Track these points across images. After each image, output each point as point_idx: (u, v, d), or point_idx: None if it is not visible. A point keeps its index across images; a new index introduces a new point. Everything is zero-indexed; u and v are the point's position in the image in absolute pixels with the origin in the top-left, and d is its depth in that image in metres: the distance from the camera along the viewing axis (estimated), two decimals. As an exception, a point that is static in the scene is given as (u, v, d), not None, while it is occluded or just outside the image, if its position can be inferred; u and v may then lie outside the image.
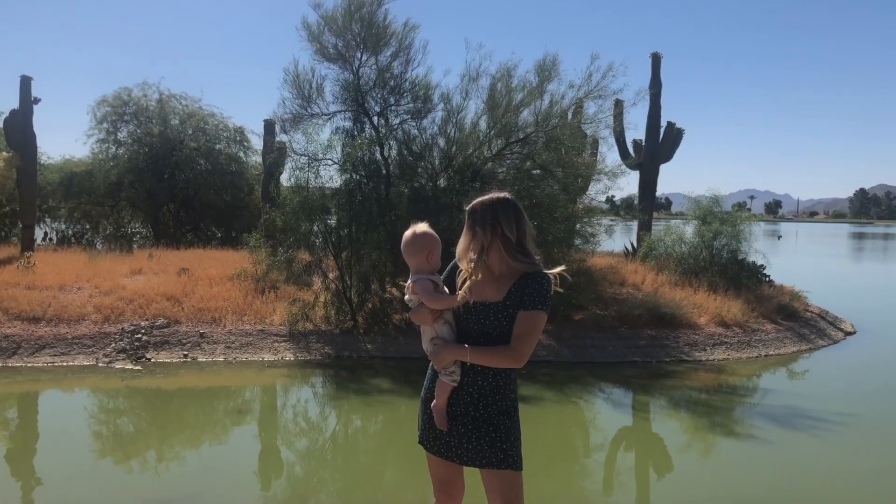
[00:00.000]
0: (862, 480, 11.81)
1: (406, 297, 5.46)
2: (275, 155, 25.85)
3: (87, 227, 39.65)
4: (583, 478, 12.01)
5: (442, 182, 23.13)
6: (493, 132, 22.85)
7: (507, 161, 23.56)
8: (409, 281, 5.38)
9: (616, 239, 30.12)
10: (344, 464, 12.71)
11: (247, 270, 22.47)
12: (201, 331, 19.37)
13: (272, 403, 16.73)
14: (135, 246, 33.94)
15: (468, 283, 5.13)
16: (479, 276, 5.07)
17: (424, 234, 5.38)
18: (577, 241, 23.99)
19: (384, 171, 22.19)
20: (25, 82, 28.04)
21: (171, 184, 38.29)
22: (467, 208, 5.11)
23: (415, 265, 5.38)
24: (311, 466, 12.40)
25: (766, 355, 20.85)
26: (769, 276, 27.33)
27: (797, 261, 58.53)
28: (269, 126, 29.07)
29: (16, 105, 28.12)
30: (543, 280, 4.98)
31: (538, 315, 4.93)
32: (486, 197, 5.07)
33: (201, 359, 18.44)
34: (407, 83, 23.27)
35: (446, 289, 5.35)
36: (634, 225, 34.24)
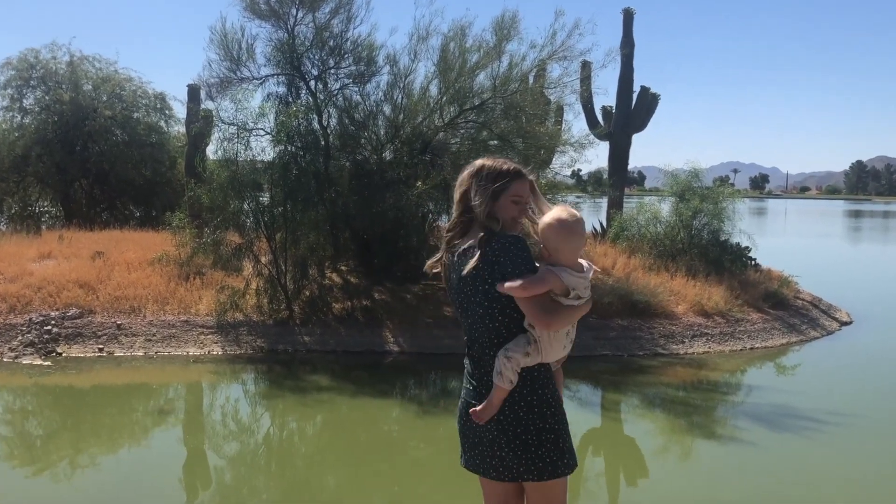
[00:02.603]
0: (857, 486, 11.96)
1: (578, 293, 4.97)
2: (200, 124, 25.80)
3: (-11, 205, 39.38)
4: (544, 483, 12.08)
5: (388, 154, 23.18)
6: (445, 98, 22.88)
7: (462, 131, 23.62)
8: (571, 275, 4.91)
9: (585, 218, 30.29)
10: (279, 470, 12.75)
11: (169, 254, 22.36)
12: (118, 322, 19.32)
13: (198, 403, 16.76)
14: (43, 227, 33.81)
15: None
16: None
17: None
18: (540, 221, 24.05)
19: (323, 143, 22.22)
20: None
21: (83, 157, 37.97)
22: (532, 177, 5.16)
23: (577, 254, 5.05)
24: (241, 473, 12.44)
25: (751, 348, 21.00)
26: (755, 259, 27.41)
27: (786, 242, 58.88)
28: (193, 92, 28.98)
29: None
30: None
31: None
32: None
33: (118, 353, 18.41)
34: (348, 43, 23.27)
35: None
36: (604, 202, 34.30)
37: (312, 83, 23.03)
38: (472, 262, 4.78)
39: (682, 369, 19.01)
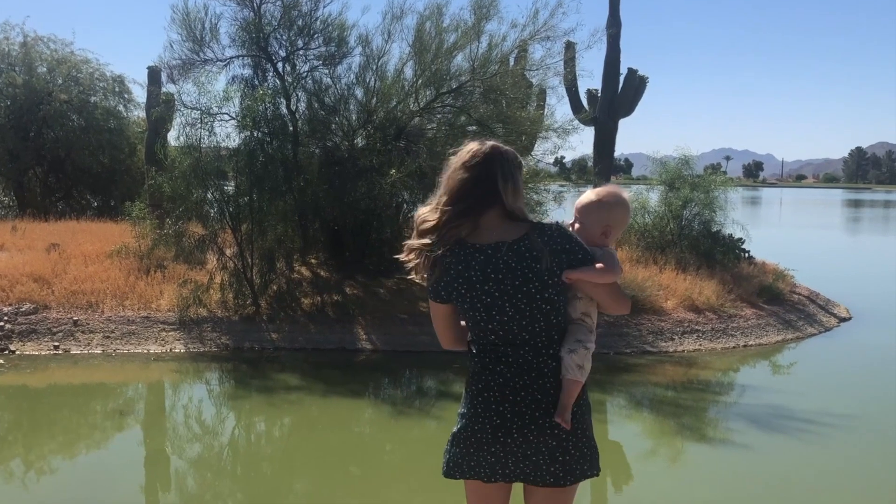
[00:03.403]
0: (857, 491, 11.99)
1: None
2: (161, 109, 25.72)
3: (-63, 195, 39.23)
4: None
5: (360, 141, 23.20)
6: (420, 81, 22.90)
7: (438, 116, 23.66)
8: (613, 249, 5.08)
9: (567, 208, 30.27)
10: (244, 474, 12.78)
11: (128, 246, 22.33)
12: (75, 318, 19.26)
13: (159, 403, 16.74)
14: (-6, 217, 33.68)
15: None
16: None
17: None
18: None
19: (291, 128, 22.23)
20: None
21: (37, 143, 37.78)
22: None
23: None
24: (205, 478, 12.45)
25: (744, 345, 21.02)
26: (749, 251, 27.46)
27: (782, 234, 58.96)
28: (153, 74, 28.89)
29: None
30: None
31: None
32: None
33: (75, 350, 18.36)
34: (318, 22, 23.23)
35: None
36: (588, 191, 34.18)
37: (280, 65, 23.04)
38: (546, 256, 4.66)
39: (671, 368, 19.09)
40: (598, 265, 4.74)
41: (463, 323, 4.90)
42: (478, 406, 4.78)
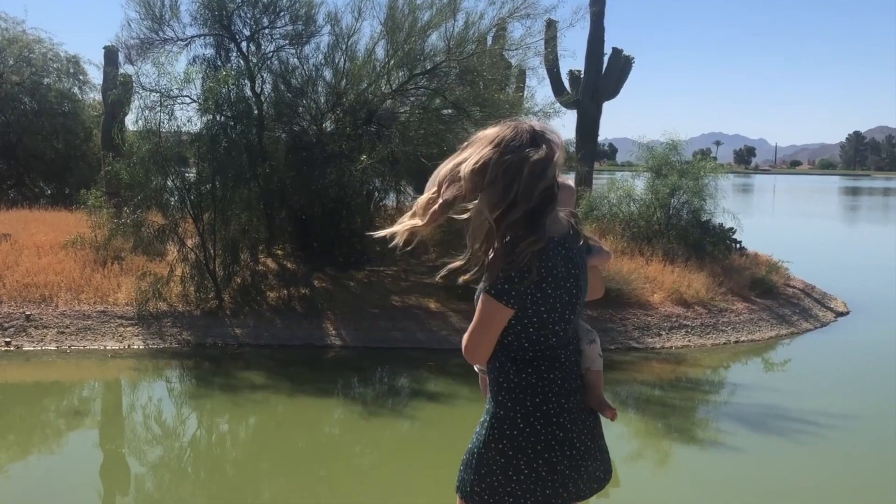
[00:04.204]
0: (854, 495, 12.05)
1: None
2: (118, 91, 25.66)
3: None
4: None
5: (329, 125, 23.16)
6: (392, 62, 22.87)
7: (412, 98, 23.62)
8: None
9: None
10: (207, 477, 12.78)
11: (84, 237, 22.24)
12: (27, 312, 19.20)
13: (117, 403, 16.73)
14: (-59, 207, 33.59)
15: None
16: None
17: None
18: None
19: (256, 112, 22.20)
20: None
21: (-13, 128, 37.77)
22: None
23: None
24: (165, 480, 12.45)
25: (736, 341, 21.06)
26: (740, 242, 27.47)
27: (775, 223, 58.99)
28: (110, 54, 28.84)
29: None
30: None
31: (481, 298, 4.32)
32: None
33: (28, 347, 18.29)
34: (284, -1, 23.18)
35: None
36: (570, 178, 34.18)
37: (244, 45, 22.97)
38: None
39: (658, 365, 19.12)
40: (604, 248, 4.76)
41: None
42: (536, 423, 4.34)
